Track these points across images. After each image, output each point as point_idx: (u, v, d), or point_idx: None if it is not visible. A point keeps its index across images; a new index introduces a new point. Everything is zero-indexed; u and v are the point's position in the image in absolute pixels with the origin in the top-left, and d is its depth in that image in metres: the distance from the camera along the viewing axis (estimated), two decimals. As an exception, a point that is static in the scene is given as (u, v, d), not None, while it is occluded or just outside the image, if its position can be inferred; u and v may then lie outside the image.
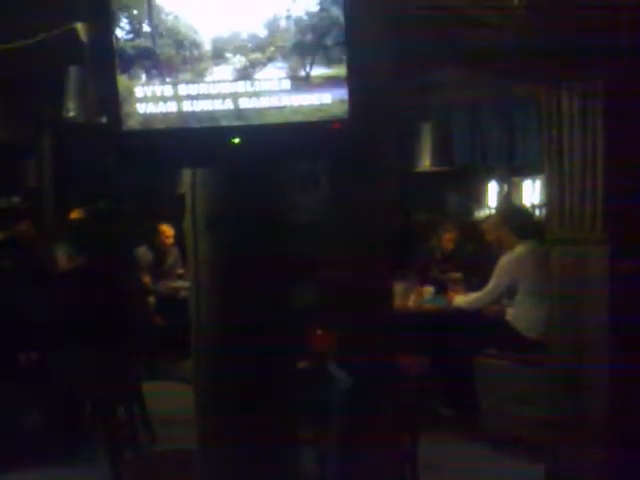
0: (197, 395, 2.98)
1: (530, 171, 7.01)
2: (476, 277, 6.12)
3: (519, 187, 7.34)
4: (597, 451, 4.13)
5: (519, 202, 7.16)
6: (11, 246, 6.10)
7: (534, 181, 7.15)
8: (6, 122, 6.58)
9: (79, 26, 3.27)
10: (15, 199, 7.97)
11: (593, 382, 4.14)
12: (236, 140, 2.49)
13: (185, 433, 3.13)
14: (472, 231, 6.89)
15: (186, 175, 2.88)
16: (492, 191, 7.49)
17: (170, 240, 7.56)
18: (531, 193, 7.24)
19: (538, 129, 5.83)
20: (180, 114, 2.49)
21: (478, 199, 7.49)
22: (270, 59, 2.44)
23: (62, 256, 5.98)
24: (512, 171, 7.28)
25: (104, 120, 3.01)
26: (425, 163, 7.36)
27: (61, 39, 3.48)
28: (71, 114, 3.46)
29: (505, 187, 7.39)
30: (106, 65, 2.47)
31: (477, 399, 5.14)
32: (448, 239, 6.64)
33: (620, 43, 3.69)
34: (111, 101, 2.47)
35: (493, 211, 7.23)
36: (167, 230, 7.56)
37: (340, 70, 2.43)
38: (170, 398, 5.60)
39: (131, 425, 3.92)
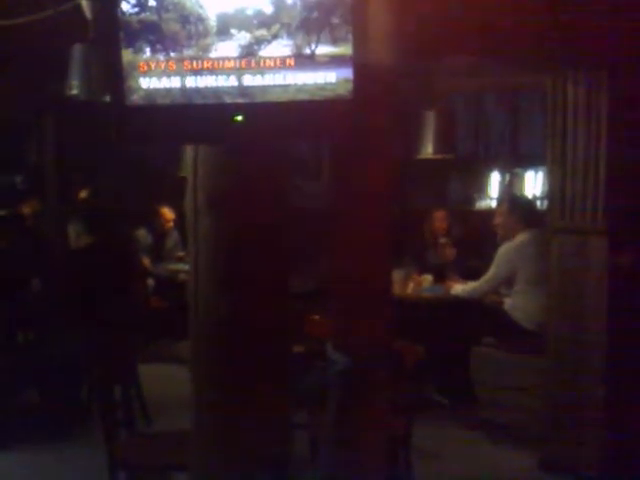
0: (194, 376, 2.97)
1: (533, 161, 7.00)
2: (475, 261, 6.11)
3: (521, 178, 7.32)
4: (593, 439, 4.14)
5: (521, 192, 7.14)
6: (18, 222, 6.10)
7: (536, 172, 7.14)
8: (8, 99, 6.54)
9: (84, 3, 3.24)
10: (18, 177, 7.96)
11: (591, 371, 4.15)
12: (239, 117, 2.47)
13: (180, 415, 3.13)
14: (472, 219, 6.88)
15: (188, 153, 2.87)
16: (494, 181, 7.47)
17: (170, 224, 7.55)
18: (533, 184, 7.22)
19: (542, 119, 5.82)
20: (183, 90, 2.47)
21: (480, 188, 7.47)
22: (275, 36, 2.42)
23: (71, 234, 6.00)
24: (515, 161, 7.26)
25: (107, 98, 2.99)
26: (428, 150, 7.34)
27: (66, 16, 3.45)
28: (74, 91, 3.42)
29: (507, 177, 7.37)
30: (111, 38, 2.45)
31: (473, 388, 5.14)
32: (440, 218, 6.50)
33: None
34: (115, 74, 2.45)
35: (497, 200, 7.19)
36: (167, 213, 7.54)
37: (346, 49, 2.41)
38: (166, 380, 5.61)
39: (127, 405, 3.92)
